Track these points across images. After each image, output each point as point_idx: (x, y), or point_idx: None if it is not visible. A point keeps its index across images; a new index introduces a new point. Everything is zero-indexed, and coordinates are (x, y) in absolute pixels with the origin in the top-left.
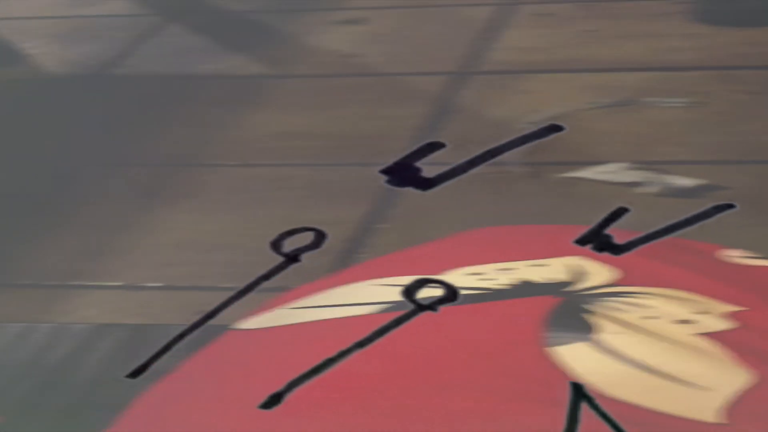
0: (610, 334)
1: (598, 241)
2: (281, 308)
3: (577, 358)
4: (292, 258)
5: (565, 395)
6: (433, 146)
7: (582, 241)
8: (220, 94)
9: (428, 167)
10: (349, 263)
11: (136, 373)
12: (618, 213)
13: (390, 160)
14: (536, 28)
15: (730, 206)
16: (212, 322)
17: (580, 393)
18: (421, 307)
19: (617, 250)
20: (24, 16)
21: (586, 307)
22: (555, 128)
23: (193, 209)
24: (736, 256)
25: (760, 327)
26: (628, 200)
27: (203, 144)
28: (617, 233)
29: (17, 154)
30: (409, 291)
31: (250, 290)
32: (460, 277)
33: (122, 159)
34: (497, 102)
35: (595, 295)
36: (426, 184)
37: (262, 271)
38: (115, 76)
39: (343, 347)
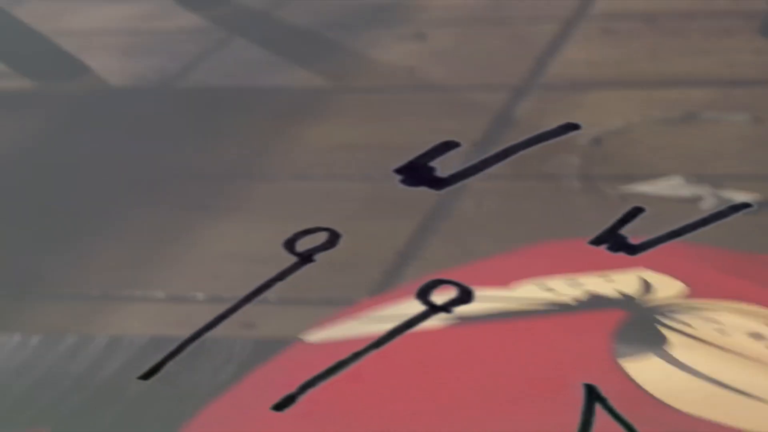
0: (679, 347)
1: (613, 242)
2: (351, 320)
3: (646, 372)
4: (306, 258)
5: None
6: (449, 145)
7: (597, 242)
8: (280, 106)
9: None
10: (399, 275)
11: (148, 375)
12: (633, 213)
13: (445, 173)
14: (599, 44)
15: (747, 206)
16: (256, 334)
17: (593, 395)
18: (435, 308)
19: (632, 250)
20: (90, 30)
21: (655, 320)
22: (571, 127)
23: (243, 220)
24: None
25: None
26: (685, 215)
27: (258, 156)
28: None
29: (74, 165)
30: (424, 292)
31: (262, 291)
32: (529, 290)
33: (176, 171)
34: (557, 116)
35: (664, 309)
36: (440, 183)
37: (312, 283)
38: (177, 89)
39: (412, 359)
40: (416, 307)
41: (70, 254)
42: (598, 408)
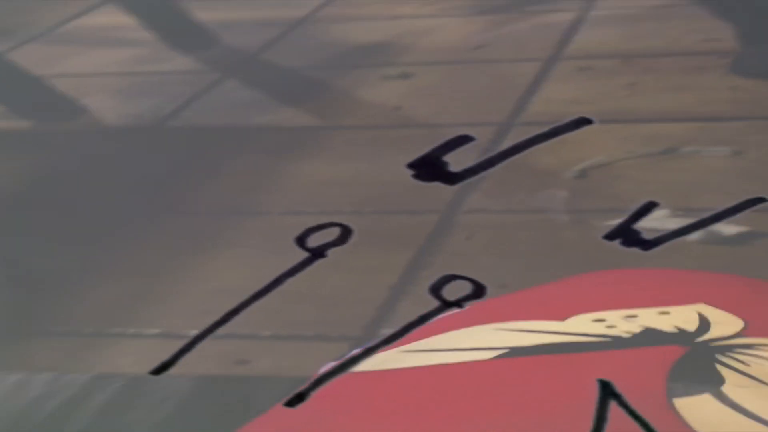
0: (734, 387)
1: (626, 237)
2: (394, 351)
3: (698, 411)
4: (318, 254)
5: None
6: (462, 140)
7: (611, 237)
8: (271, 144)
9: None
10: (393, 310)
11: (160, 370)
12: (647, 207)
13: (433, 208)
14: (578, 82)
15: (762, 200)
16: (250, 370)
17: (608, 391)
18: (447, 303)
19: (646, 245)
20: (87, 73)
21: (711, 358)
22: (584, 121)
23: (236, 256)
24: None
25: None
26: (673, 248)
27: (250, 192)
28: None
29: (69, 202)
30: (436, 288)
31: (274, 287)
32: (585, 324)
33: (169, 207)
34: (541, 151)
35: (721, 347)
36: (453, 178)
37: (306, 319)
38: (171, 128)
39: (463, 392)
40: (471, 339)
41: (64, 291)
42: (614, 405)
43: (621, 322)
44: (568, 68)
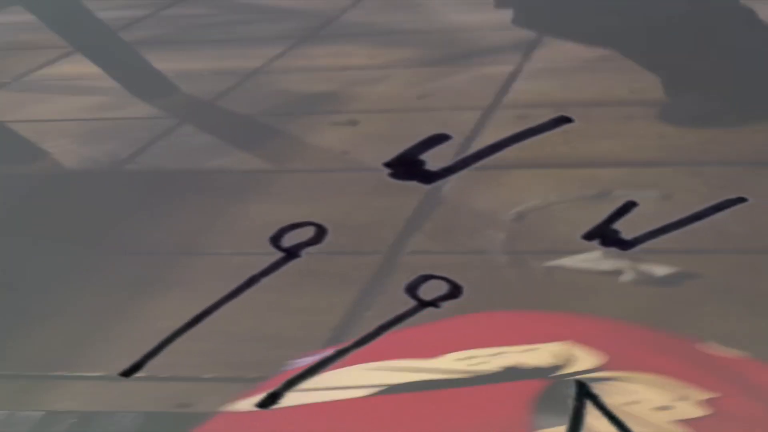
0: (592, 418)
1: (605, 237)
2: (272, 391)
3: None
4: (292, 254)
5: None
6: (439, 138)
7: (589, 237)
8: (223, 187)
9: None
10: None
11: (129, 372)
12: (626, 207)
13: (377, 249)
14: (516, 129)
15: (742, 200)
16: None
17: (584, 391)
18: (423, 303)
19: (625, 245)
20: (50, 119)
21: (572, 390)
22: (563, 120)
23: (182, 297)
24: (710, 348)
25: (732, 414)
26: (607, 288)
27: (200, 234)
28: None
29: (23, 242)
30: (412, 287)
31: (248, 287)
32: (453, 362)
33: (119, 248)
34: (481, 194)
35: (583, 380)
36: (430, 177)
37: (250, 362)
38: (126, 172)
39: (338, 430)
40: (344, 378)
41: (6, 333)
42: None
43: (488, 359)
44: (506, 117)
